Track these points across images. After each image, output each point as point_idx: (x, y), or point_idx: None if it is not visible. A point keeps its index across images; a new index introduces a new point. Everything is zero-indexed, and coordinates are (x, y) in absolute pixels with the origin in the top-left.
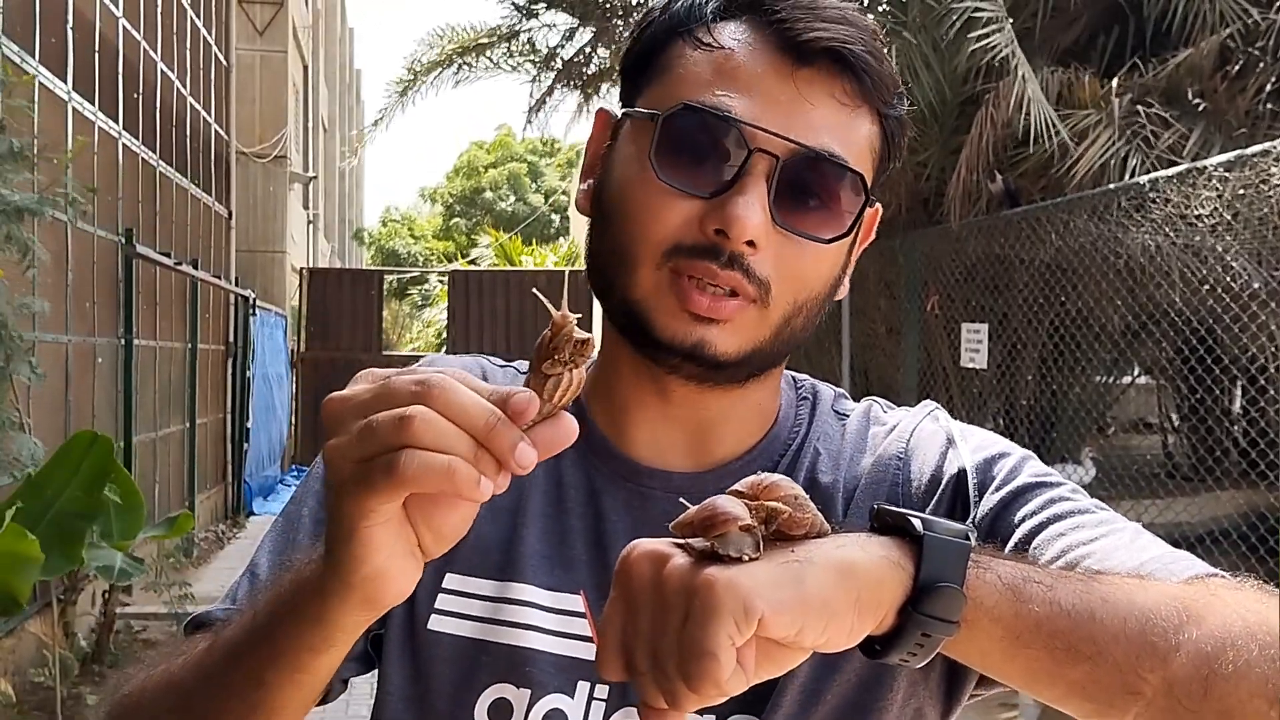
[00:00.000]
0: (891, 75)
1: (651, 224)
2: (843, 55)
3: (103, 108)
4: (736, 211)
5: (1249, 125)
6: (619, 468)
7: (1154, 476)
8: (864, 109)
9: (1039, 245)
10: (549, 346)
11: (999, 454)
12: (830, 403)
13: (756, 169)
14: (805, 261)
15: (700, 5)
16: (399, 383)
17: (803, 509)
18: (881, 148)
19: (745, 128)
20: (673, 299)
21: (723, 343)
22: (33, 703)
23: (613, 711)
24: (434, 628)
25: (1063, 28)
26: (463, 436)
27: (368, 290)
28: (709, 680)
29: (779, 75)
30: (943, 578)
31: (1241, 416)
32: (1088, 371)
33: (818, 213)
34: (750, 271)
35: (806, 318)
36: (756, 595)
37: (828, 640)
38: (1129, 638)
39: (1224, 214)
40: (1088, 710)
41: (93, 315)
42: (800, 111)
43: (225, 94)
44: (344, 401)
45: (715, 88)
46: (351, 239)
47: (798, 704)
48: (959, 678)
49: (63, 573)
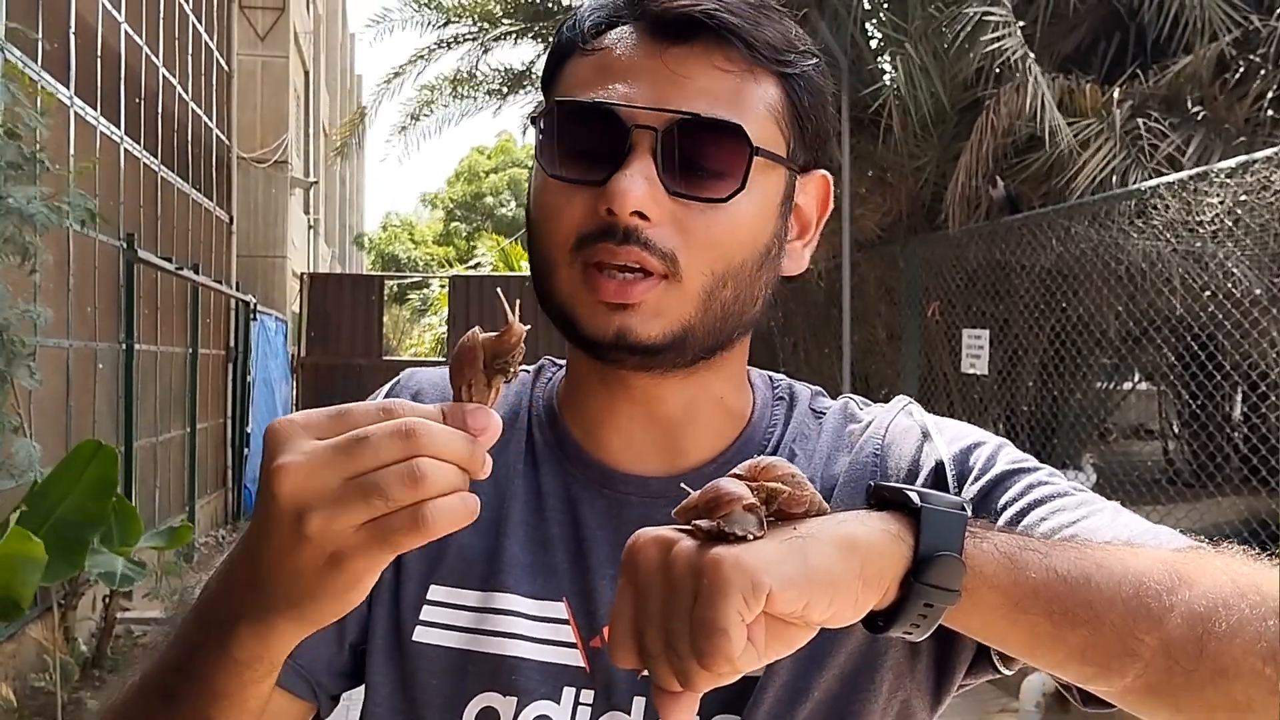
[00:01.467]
0: (780, 36)
1: (556, 222)
2: (707, 24)
3: (104, 113)
4: (619, 185)
5: (1249, 133)
6: (594, 475)
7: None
8: (755, 71)
9: (1040, 251)
10: (501, 358)
11: (974, 444)
12: (808, 402)
13: (640, 145)
14: (714, 228)
15: (582, 20)
16: (377, 432)
17: (801, 487)
18: (790, 108)
19: (619, 108)
20: (587, 292)
21: (643, 327)
22: (33, 707)
23: (599, 715)
24: (420, 639)
25: (1063, 34)
26: (457, 471)
27: (368, 295)
28: (721, 656)
29: (650, 57)
30: (942, 547)
31: (1242, 423)
32: (1088, 377)
33: (709, 176)
34: (650, 244)
35: (736, 289)
36: (763, 571)
37: (834, 614)
38: (1124, 601)
39: (1225, 220)
40: (1088, 674)
41: (94, 320)
42: (677, 84)
43: (227, 99)
44: (304, 460)
45: (596, 84)
46: (352, 244)
47: (783, 701)
48: (946, 668)
49: (65, 578)
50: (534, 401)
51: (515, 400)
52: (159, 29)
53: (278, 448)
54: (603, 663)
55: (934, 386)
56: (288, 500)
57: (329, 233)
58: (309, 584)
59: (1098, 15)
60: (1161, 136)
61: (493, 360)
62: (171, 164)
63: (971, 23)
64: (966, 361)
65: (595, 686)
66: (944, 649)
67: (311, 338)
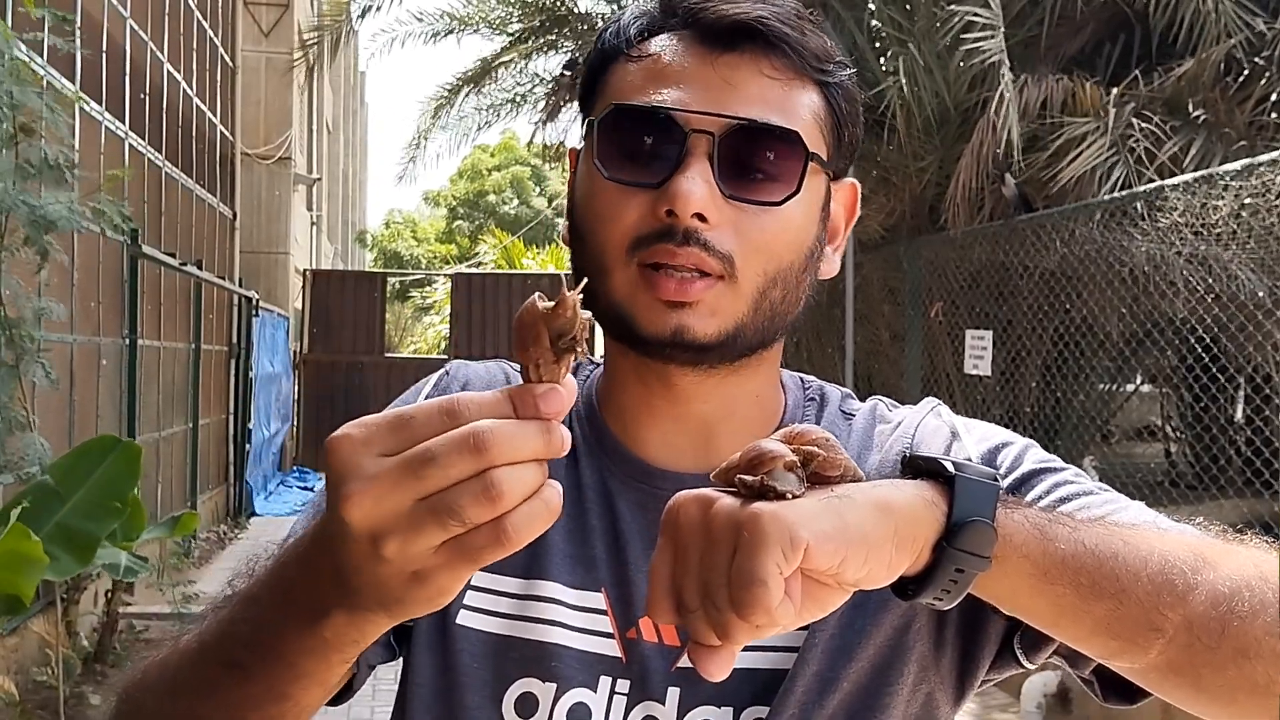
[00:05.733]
0: (822, 46)
1: (612, 224)
2: (758, 32)
3: (109, 108)
4: (680, 187)
5: (1250, 137)
6: (631, 470)
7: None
8: (799, 80)
9: (1043, 252)
10: (567, 335)
11: (1002, 443)
12: (838, 403)
13: (697, 149)
14: (767, 231)
15: (627, 26)
16: (445, 448)
17: (836, 452)
18: (830, 116)
19: (676, 113)
20: (645, 292)
21: (700, 325)
22: (35, 702)
23: (634, 705)
24: (463, 623)
25: (1069, 35)
26: (534, 468)
27: (370, 292)
28: (760, 608)
29: (703, 63)
30: (975, 514)
31: (1245, 425)
32: (1091, 379)
33: (764, 180)
34: (709, 246)
35: (784, 290)
36: (801, 526)
37: (869, 573)
38: (1150, 576)
39: (1229, 223)
40: (1113, 648)
41: (97, 315)
42: (729, 91)
43: (230, 95)
44: (371, 486)
45: (648, 89)
46: (354, 241)
47: (813, 690)
48: (971, 661)
49: (72, 574)
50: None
51: None
52: (164, 25)
53: (342, 470)
54: (638, 653)
55: (937, 387)
56: (360, 527)
57: (332, 229)
58: (397, 594)
59: (1104, 17)
60: (1159, 136)
61: (558, 339)
62: (175, 160)
63: (959, 24)
64: (969, 362)
65: (631, 677)
66: (968, 642)
67: (313, 334)
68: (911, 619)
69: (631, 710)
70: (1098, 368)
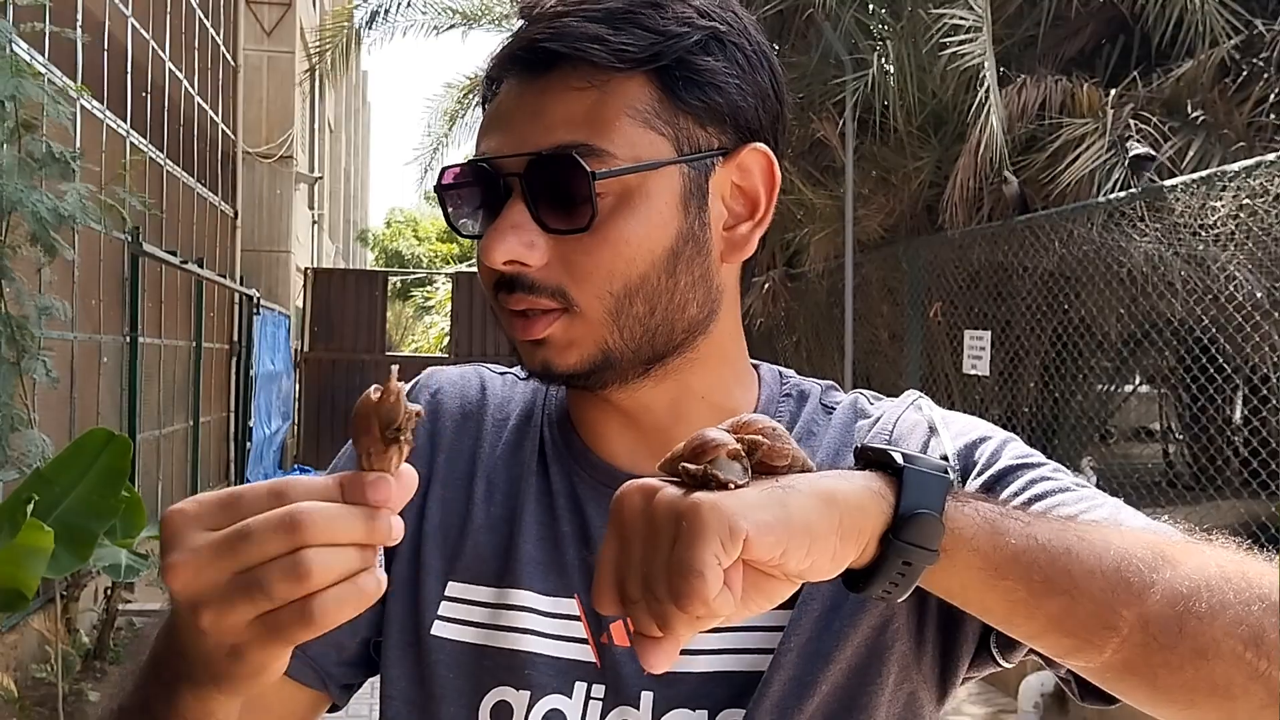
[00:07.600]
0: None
1: (481, 273)
2: (558, 50)
3: (110, 106)
4: (484, 244)
5: (1248, 138)
6: (599, 474)
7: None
8: (618, 78)
9: (1042, 253)
10: (392, 426)
11: (980, 438)
12: (818, 397)
13: (514, 192)
14: (592, 254)
15: (487, 79)
16: (262, 526)
17: (783, 441)
18: (664, 101)
19: (487, 162)
20: (515, 333)
21: (559, 358)
22: (34, 698)
23: (609, 710)
24: (437, 634)
25: (1067, 37)
26: (352, 552)
27: (371, 291)
28: (698, 599)
29: (521, 99)
30: (922, 506)
31: (1243, 426)
32: (1089, 379)
33: (571, 206)
34: (535, 286)
35: (648, 301)
36: (741, 516)
37: (811, 565)
38: (1105, 574)
39: (1228, 224)
40: (1066, 646)
41: (98, 313)
42: (534, 122)
43: (232, 94)
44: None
45: (482, 142)
46: (356, 240)
47: (790, 694)
48: (950, 659)
49: (72, 571)
50: (548, 401)
51: (530, 400)
52: (165, 24)
53: (169, 541)
54: (612, 658)
55: (935, 387)
56: (181, 597)
57: (333, 228)
58: (219, 668)
59: (1101, 19)
60: (1158, 137)
61: (385, 429)
62: (177, 158)
63: (944, 27)
64: (968, 362)
65: (606, 682)
66: (948, 640)
67: (315, 333)
68: (889, 619)
69: (607, 715)
70: (1096, 368)
